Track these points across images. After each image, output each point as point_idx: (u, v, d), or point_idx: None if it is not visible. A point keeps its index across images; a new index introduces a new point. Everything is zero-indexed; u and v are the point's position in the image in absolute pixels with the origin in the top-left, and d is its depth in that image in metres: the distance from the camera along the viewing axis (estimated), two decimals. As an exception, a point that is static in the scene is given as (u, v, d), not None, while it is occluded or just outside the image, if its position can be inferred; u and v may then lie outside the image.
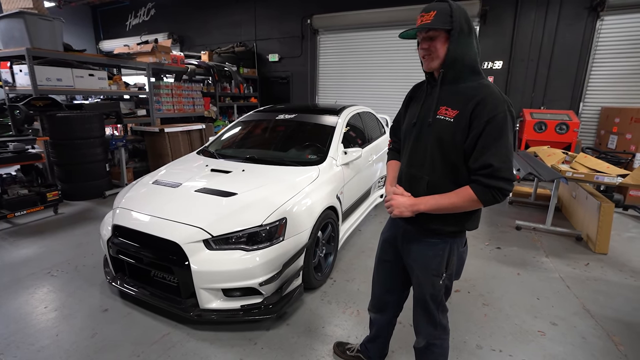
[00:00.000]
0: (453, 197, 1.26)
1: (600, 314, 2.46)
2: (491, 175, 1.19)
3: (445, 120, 1.27)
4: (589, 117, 6.46)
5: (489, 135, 1.19)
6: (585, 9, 6.06)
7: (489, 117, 1.18)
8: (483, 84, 1.26)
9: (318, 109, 3.81)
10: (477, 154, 1.22)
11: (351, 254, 3.27)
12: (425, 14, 1.24)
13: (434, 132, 1.30)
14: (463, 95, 1.26)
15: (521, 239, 3.74)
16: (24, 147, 3.91)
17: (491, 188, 1.20)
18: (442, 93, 1.31)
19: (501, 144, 1.19)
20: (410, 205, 1.31)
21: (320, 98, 8.85)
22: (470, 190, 1.24)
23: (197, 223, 2.15)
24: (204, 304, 2.13)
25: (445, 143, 1.27)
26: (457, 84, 1.29)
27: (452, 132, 1.25)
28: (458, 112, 1.25)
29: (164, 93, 6.18)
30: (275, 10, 8.76)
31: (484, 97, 1.21)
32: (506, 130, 1.19)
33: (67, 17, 8.61)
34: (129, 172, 5.39)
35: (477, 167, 1.22)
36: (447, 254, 1.40)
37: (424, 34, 1.27)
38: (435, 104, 1.31)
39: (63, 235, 3.62)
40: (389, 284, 1.66)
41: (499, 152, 1.19)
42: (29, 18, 4.41)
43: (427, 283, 1.42)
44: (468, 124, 1.22)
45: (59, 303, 2.47)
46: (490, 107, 1.19)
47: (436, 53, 1.26)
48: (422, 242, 1.41)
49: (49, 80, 4.54)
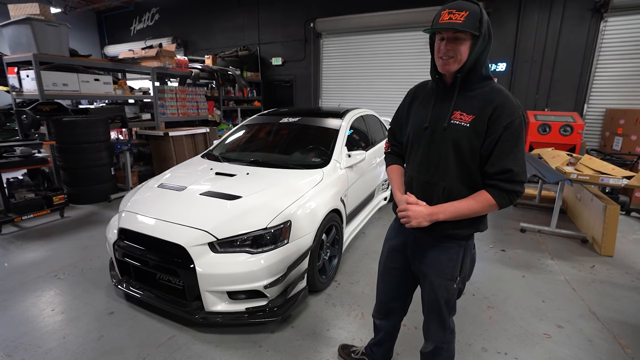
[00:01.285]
0: (472, 203, 1.25)
1: (607, 317, 2.44)
2: (510, 179, 1.21)
3: (461, 125, 1.25)
4: (593, 118, 6.43)
5: (507, 141, 1.20)
6: (588, 10, 6.05)
7: (507, 122, 1.19)
8: (495, 88, 1.26)
9: (321, 112, 3.82)
10: (496, 159, 1.22)
11: (355, 257, 3.27)
12: (456, 12, 1.15)
13: (449, 137, 1.27)
14: (478, 100, 1.24)
15: (526, 241, 3.72)
16: (30, 152, 3.96)
17: (509, 192, 1.22)
18: (457, 98, 1.28)
19: (519, 149, 1.21)
20: (428, 215, 1.26)
21: (324, 101, 8.88)
22: (488, 195, 1.24)
23: (202, 226, 2.17)
24: (209, 306, 2.14)
25: (462, 148, 1.25)
26: (471, 89, 1.27)
27: (469, 137, 1.24)
28: (474, 117, 1.23)
29: (168, 97, 6.23)
30: (278, 14, 8.82)
31: (501, 103, 1.21)
32: (522, 136, 1.22)
33: (73, 23, 8.73)
34: (134, 176, 5.43)
35: (496, 172, 1.22)
36: (462, 257, 1.39)
37: (451, 34, 1.18)
38: (450, 109, 1.28)
39: (69, 238, 3.66)
40: (396, 291, 1.63)
41: (517, 157, 1.20)
42: (35, 24, 4.48)
43: (442, 288, 1.40)
44: (485, 129, 1.22)
45: (66, 306, 2.49)
46: (508, 112, 1.20)
47: (459, 57, 1.20)
48: (436, 247, 1.38)
49: (55, 85, 4.60)
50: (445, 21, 1.16)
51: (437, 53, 1.24)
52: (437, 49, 1.24)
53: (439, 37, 1.23)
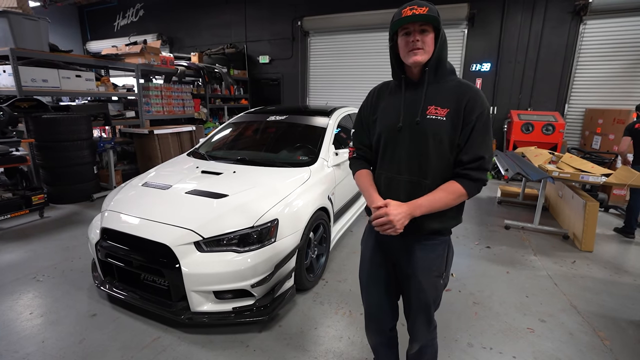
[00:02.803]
0: (444, 195, 1.26)
1: (587, 310, 2.51)
2: (480, 167, 1.25)
3: (438, 119, 1.27)
4: (574, 118, 6.61)
5: (479, 130, 1.26)
6: (569, 13, 6.22)
7: (479, 112, 1.26)
8: (463, 82, 1.33)
9: (309, 111, 3.81)
10: (469, 147, 1.26)
11: (343, 255, 3.28)
12: (418, 8, 1.22)
13: (427, 132, 1.28)
14: (450, 94, 1.29)
15: (510, 238, 3.80)
16: (7, 150, 3.82)
17: (478, 181, 1.27)
18: (428, 92, 1.30)
19: (488, 138, 1.28)
20: (409, 215, 1.23)
21: (311, 100, 8.86)
22: (458, 185, 1.26)
23: (187, 225, 2.13)
24: (195, 306, 2.10)
25: (442, 142, 1.27)
26: (440, 82, 1.31)
27: (447, 131, 1.27)
28: (449, 110, 1.27)
29: (154, 95, 6.10)
30: (265, 12, 8.75)
31: (474, 95, 1.28)
32: (490, 125, 1.30)
33: (53, 17, 8.44)
34: (117, 175, 5.31)
35: (469, 160, 1.26)
36: (447, 252, 1.41)
37: (417, 27, 1.24)
38: (422, 104, 1.29)
39: (49, 239, 3.54)
40: (386, 299, 1.52)
41: (488, 145, 1.27)
42: (13, 18, 4.31)
43: (431, 287, 1.38)
44: (461, 121, 1.26)
45: (45, 309, 2.41)
46: (479, 103, 1.27)
47: (427, 48, 1.25)
48: (424, 246, 1.37)
49: (34, 81, 4.45)
50: (410, 15, 1.22)
51: (405, 47, 1.26)
52: (404, 43, 1.26)
53: (403, 33, 1.26)
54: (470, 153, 1.26)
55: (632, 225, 3.87)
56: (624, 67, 6.06)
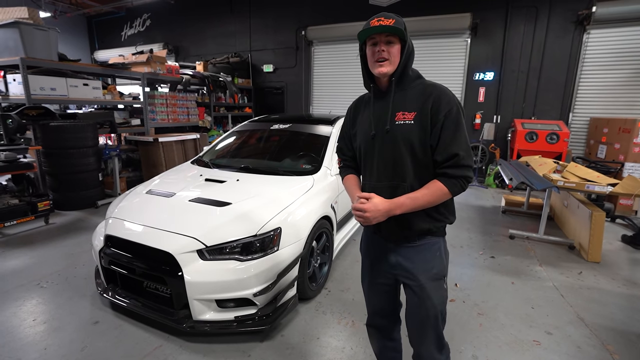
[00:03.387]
0: (426, 193, 1.27)
1: (594, 323, 2.47)
2: (457, 164, 1.25)
3: (406, 124, 1.30)
4: (578, 127, 6.58)
5: (449, 128, 1.26)
6: (572, 22, 6.24)
7: (446, 111, 1.26)
8: (429, 83, 1.35)
9: (312, 119, 3.84)
10: (442, 146, 1.27)
11: (346, 264, 3.26)
12: (385, 19, 1.27)
13: (398, 137, 1.31)
14: (416, 97, 1.31)
15: (515, 247, 3.76)
16: (15, 157, 3.87)
17: (459, 178, 1.26)
18: (395, 99, 1.34)
19: (460, 134, 1.27)
20: (385, 211, 1.26)
21: (315, 108, 8.91)
22: (440, 183, 1.27)
23: (190, 233, 2.13)
24: (197, 315, 2.10)
25: (413, 145, 1.29)
26: (405, 89, 1.35)
27: (417, 133, 1.29)
28: (415, 113, 1.29)
29: (159, 103, 6.18)
30: (270, 22, 8.87)
31: (439, 94, 1.29)
32: (462, 122, 1.28)
33: (63, 27, 8.62)
34: (122, 182, 5.35)
35: (444, 159, 1.27)
36: (443, 252, 1.40)
37: (383, 37, 1.28)
38: (390, 111, 1.33)
39: (54, 245, 3.56)
40: (390, 304, 1.56)
41: (460, 141, 1.26)
42: (24, 28, 4.42)
43: (434, 291, 1.36)
44: (429, 121, 1.28)
45: (48, 315, 2.41)
46: (446, 102, 1.28)
47: (392, 59, 1.29)
48: (419, 247, 1.37)
49: (42, 89, 4.53)
50: (376, 25, 1.26)
51: (372, 57, 1.31)
52: (371, 53, 1.31)
53: (371, 43, 1.31)
54: (443, 153, 1.27)
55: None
56: (629, 76, 6.04)
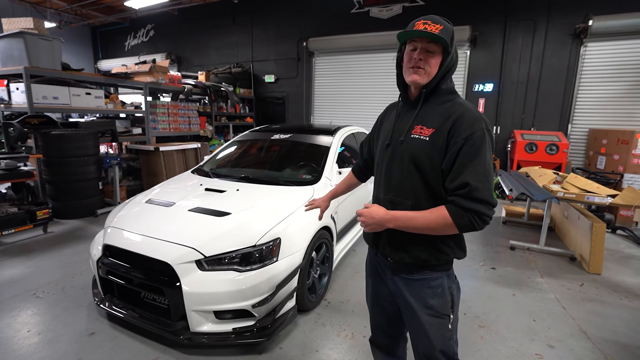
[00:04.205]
0: (426, 215, 1.14)
1: (597, 336, 2.43)
2: (468, 195, 1.08)
3: (420, 139, 1.19)
4: (577, 138, 6.61)
5: (467, 154, 1.11)
6: (569, 35, 6.33)
7: (467, 134, 1.11)
8: (457, 101, 1.21)
9: (313, 129, 3.86)
10: (455, 173, 1.12)
11: (346, 275, 3.23)
12: (432, 24, 1.13)
13: (407, 151, 1.21)
14: (439, 114, 1.19)
15: (516, 259, 3.73)
16: (16, 165, 3.88)
17: (468, 211, 1.09)
18: (420, 112, 1.24)
19: (478, 162, 1.10)
20: (381, 219, 1.18)
21: (316, 118, 8.97)
22: (445, 210, 1.11)
23: (189, 243, 2.12)
24: (195, 326, 2.07)
25: (422, 163, 1.18)
26: (434, 103, 1.23)
27: (428, 152, 1.17)
28: (434, 130, 1.17)
29: (161, 112, 6.22)
30: (272, 33, 9.00)
31: (461, 114, 1.14)
32: (484, 149, 1.11)
33: (67, 37, 8.75)
34: (122, 191, 5.34)
35: (454, 187, 1.12)
36: (447, 288, 1.26)
37: (424, 44, 1.15)
38: (410, 123, 1.24)
39: (52, 254, 3.54)
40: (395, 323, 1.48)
41: (476, 170, 1.09)
42: (29, 38, 4.48)
43: (436, 331, 1.24)
44: (445, 143, 1.14)
45: (43, 326, 2.38)
46: (468, 124, 1.12)
47: (428, 69, 1.17)
48: (416, 279, 1.26)
49: (45, 98, 4.56)
50: (420, 29, 1.14)
51: (408, 63, 1.20)
52: (408, 58, 1.20)
53: (411, 47, 1.19)
54: (455, 180, 1.11)
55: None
56: (626, 88, 6.10)
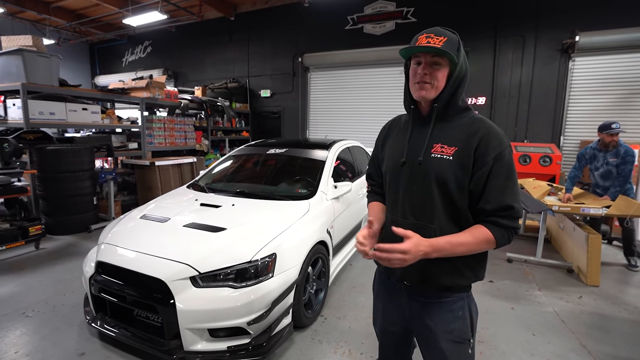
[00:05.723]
0: (468, 237, 1.10)
1: (598, 350, 2.41)
2: (512, 217, 1.10)
3: (443, 158, 1.13)
4: (570, 149, 6.70)
5: (500, 174, 1.10)
6: (557, 50, 6.50)
7: (496, 154, 1.10)
8: (477, 118, 1.18)
9: (308, 144, 3.88)
10: (492, 195, 1.10)
11: (342, 290, 3.19)
12: (435, 37, 1.10)
13: (431, 172, 1.15)
14: (460, 131, 1.15)
15: (513, 271, 3.72)
16: (9, 180, 3.84)
17: (509, 229, 1.11)
18: (435, 129, 1.18)
19: (513, 182, 1.12)
20: (424, 254, 1.07)
21: (311, 132, 9.03)
22: (486, 230, 1.10)
23: (184, 259, 2.10)
24: (189, 345, 2.02)
25: (447, 183, 1.13)
26: (450, 120, 1.19)
27: (454, 171, 1.12)
28: (457, 148, 1.13)
29: (157, 127, 6.23)
30: (268, 49, 9.15)
31: (487, 133, 1.12)
32: (514, 168, 1.13)
33: (66, 53, 8.82)
34: (117, 206, 5.30)
35: (494, 209, 1.10)
36: (468, 312, 1.22)
37: (429, 58, 1.12)
38: (427, 141, 1.18)
39: (43, 272, 3.47)
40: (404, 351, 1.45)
41: (514, 191, 1.11)
42: (27, 55, 4.52)
43: (456, 358, 1.20)
44: (472, 162, 1.11)
45: (32, 347, 2.31)
46: (495, 143, 1.11)
47: (436, 83, 1.13)
48: (437, 303, 1.21)
49: (41, 114, 4.57)
50: (423, 45, 1.11)
51: (413, 78, 1.16)
52: (413, 73, 1.16)
53: (415, 62, 1.16)
54: (493, 202, 1.09)
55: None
56: (615, 100, 6.23)
